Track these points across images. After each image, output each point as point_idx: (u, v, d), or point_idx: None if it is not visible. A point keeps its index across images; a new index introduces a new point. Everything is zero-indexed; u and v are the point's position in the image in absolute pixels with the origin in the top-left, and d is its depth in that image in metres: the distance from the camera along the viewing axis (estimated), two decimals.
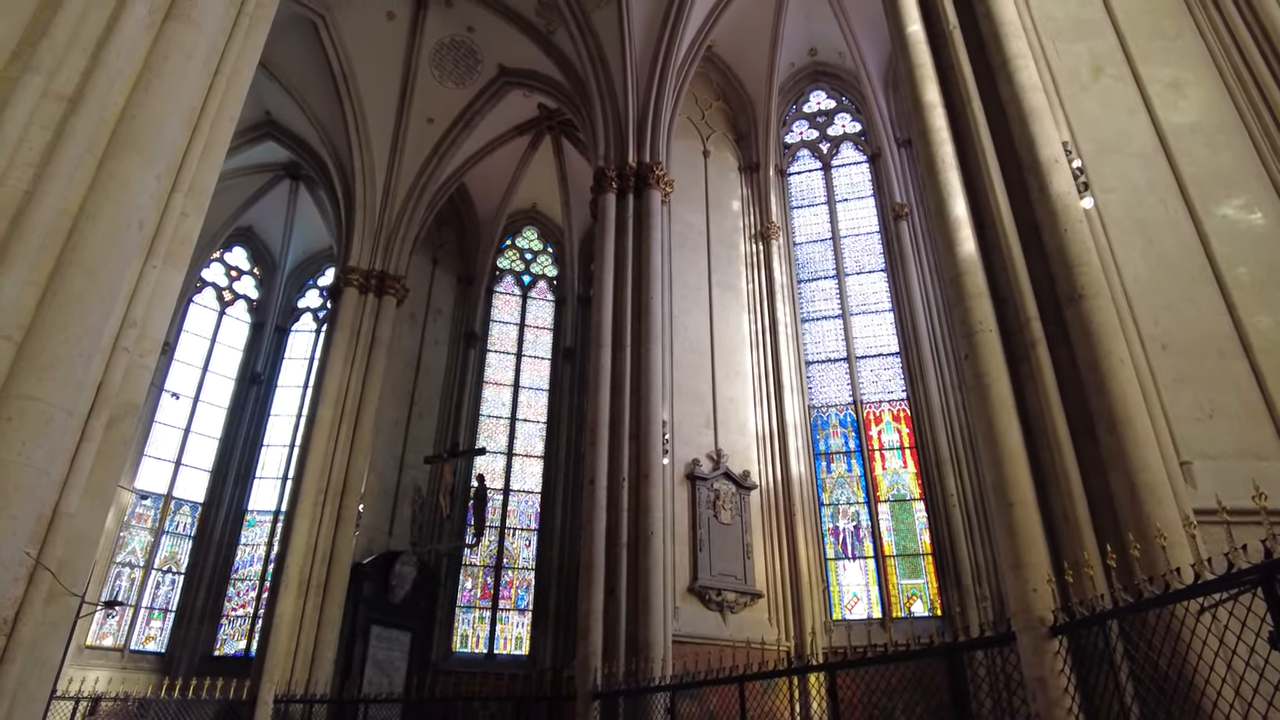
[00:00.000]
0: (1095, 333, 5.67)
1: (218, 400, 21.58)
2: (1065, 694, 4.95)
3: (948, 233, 6.57)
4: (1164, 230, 7.20)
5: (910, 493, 13.86)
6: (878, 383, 15.07)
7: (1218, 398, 6.47)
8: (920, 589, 13.11)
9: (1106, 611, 4.57)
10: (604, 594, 10.85)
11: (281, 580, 14.39)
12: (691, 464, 13.07)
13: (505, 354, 21.22)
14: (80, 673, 15.50)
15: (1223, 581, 3.59)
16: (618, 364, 12.42)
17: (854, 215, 16.99)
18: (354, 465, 15.82)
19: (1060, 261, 6.01)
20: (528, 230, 22.99)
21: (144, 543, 19.35)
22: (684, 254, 14.97)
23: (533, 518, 19.32)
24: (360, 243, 18.01)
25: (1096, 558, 5.05)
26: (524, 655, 17.65)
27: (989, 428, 5.82)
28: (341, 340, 16.77)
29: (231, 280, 23.19)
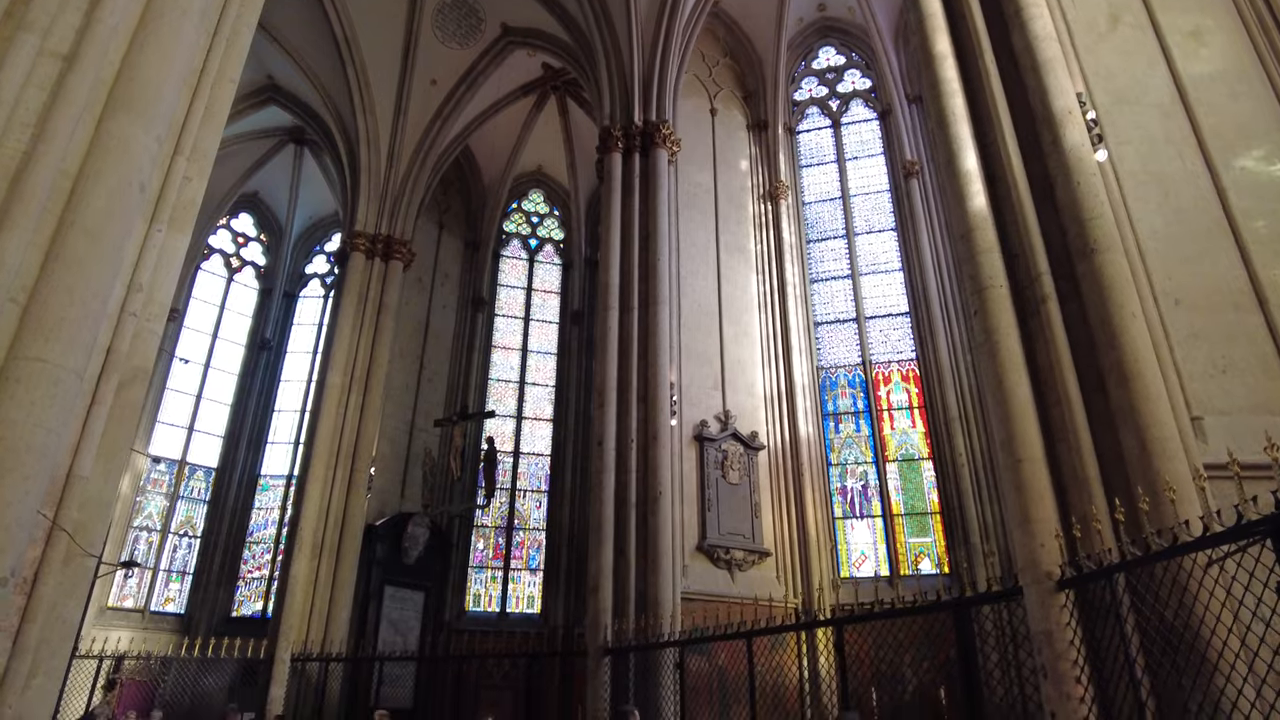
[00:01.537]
0: (1107, 287, 5.59)
1: (228, 366, 21.70)
2: (1071, 646, 4.99)
3: (958, 187, 6.46)
4: (1180, 183, 7.07)
5: (919, 452, 13.87)
6: (887, 343, 14.99)
7: (1231, 352, 6.40)
8: (928, 547, 13.19)
9: (1114, 565, 4.58)
10: (613, 553, 10.95)
11: (295, 543, 14.60)
12: (699, 425, 13.10)
13: (513, 318, 21.21)
14: (103, 633, 15.85)
15: (1232, 533, 3.58)
16: (625, 326, 12.37)
17: (864, 173, 16.75)
18: (364, 429, 15.92)
19: (1072, 215, 5.91)
20: (534, 193, 22.80)
21: (160, 507, 19.63)
22: (691, 214, 14.83)
23: (543, 479, 19.48)
24: (366, 207, 17.92)
25: (1105, 512, 5.04)
26: (536, 614, 17.92)
27: (998, 384, 5.78)
28: (349, 305, 16.77)
29: (239, 246, 23.15)
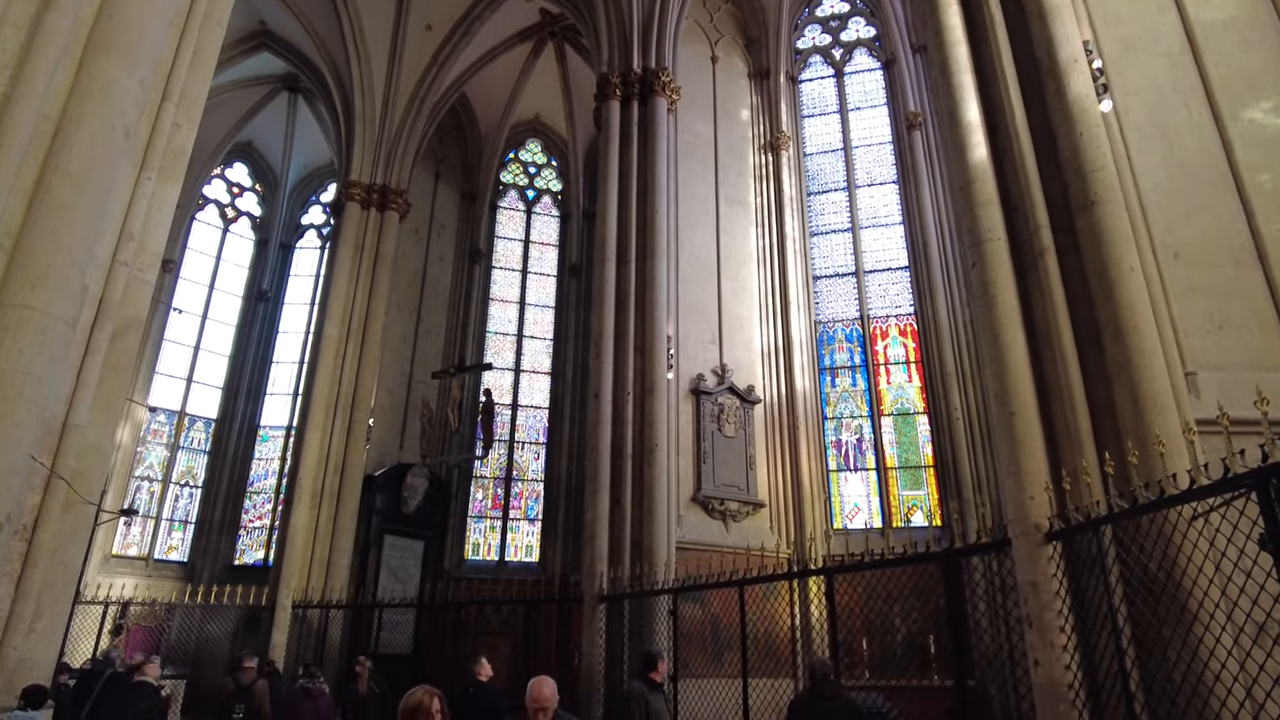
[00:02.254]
0: (1106, 240, 5.54)
1: (226, 318, 21.66)
2: (1056, 597, 5.07)
3: (959, 138, 6.35)
4: (1186, 135, 6.95)
5: (914, 406, 13.92)
6: (885, 297, 14.93)
7: (1229, 308, 6.37)
8: (921, 500, 13.32)
9: (1101, 517, 4.62)
10: (609, 503, 11.06)
11: (295, 492, 14.74)
12: (696, 379, 13.11)
13: (510, 270, 21.08)
14: (108, 580, 16.12)
15: (1218, 486, 3.60)
16: (622, 279, 12.30)
17: (866, 125, 16.47)
18: (362, 380, 15.96)
19: (1073, 167, 5.82)
20: (531, 143, 22.46)
21: (161, 458, 19.78)
22: (691, 165, 14.61)
23: (541, 432, 19.60)
24: (361, 156, 17.67)
25: (1095, 466, 5.07)
26: (534, 562, 18.20)
27: (994, 337, 5.77)
28: (345, 256, 16.66)
29: (234, 197, 22.91)
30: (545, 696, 3.57)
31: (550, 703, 3.57)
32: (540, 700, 3.55)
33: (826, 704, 5.28)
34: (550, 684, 3.65)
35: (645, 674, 5.78)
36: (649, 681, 5.75)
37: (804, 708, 5.31)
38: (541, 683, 3.61)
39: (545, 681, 3.62)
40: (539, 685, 3.60)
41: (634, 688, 5.68)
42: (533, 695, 3.56)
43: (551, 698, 3.59)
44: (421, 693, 3.20)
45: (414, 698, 3.16)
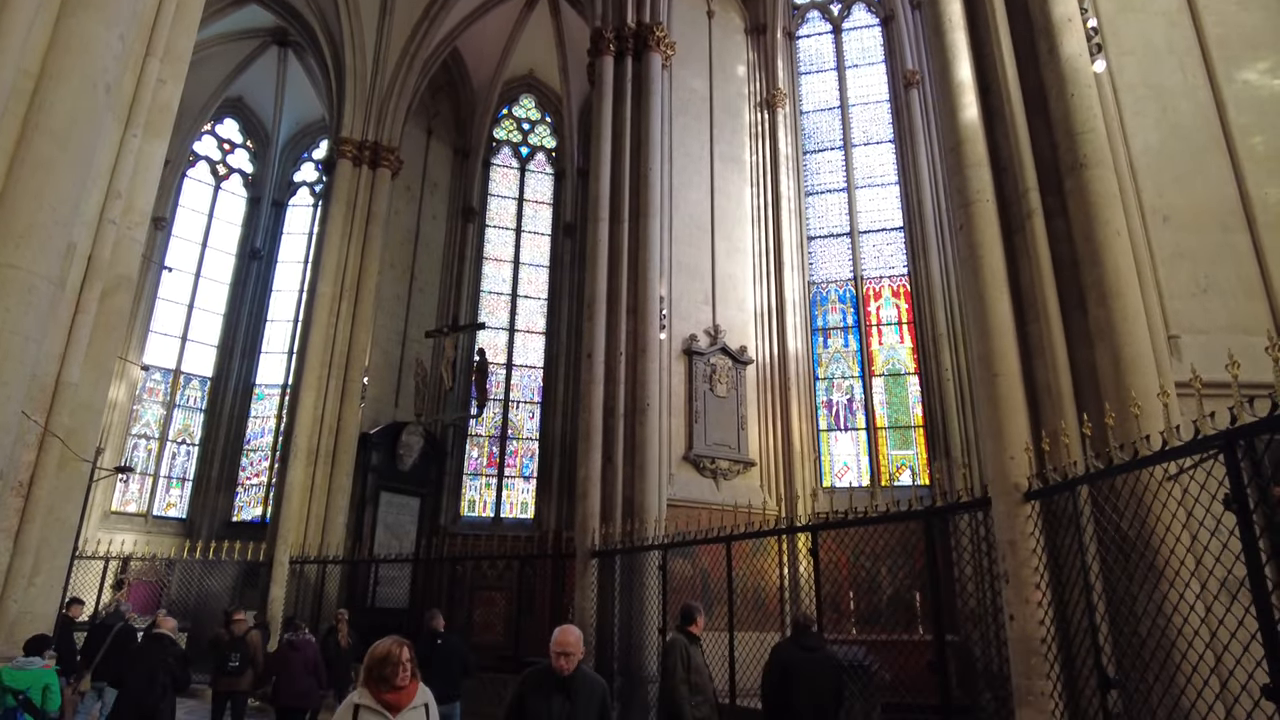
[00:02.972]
0: (1093, 203, 5.54)
1: (219, 276, 21.59)
2: (1033, 554, 5.18)
3: (950, 97, 6.30)
4: (1180, 97, 6.91)
5: (905, 367, 13.99)
6: (879, 258, 14.90)
7: (1214, 272, 6.40)
8: (910, 459, 13.48)
9: (1077, 477, 4.71)
10: (601, 461, 11.19)
11: (291, 450, 14.87)
12: (689, 339, 13.15)
13: (504, 229, 20.95)
14: (108, 535, 16.33)
15: (1188, 447, 3.67)
16: (615, 238, 12.26)
17: (863, 83, 16.25)
18: (356, 339, 15.98)
19: (1064, 129, 5.79)
20: (525, 99, 22.14)
21: (157, 416, 19.88)
22: (685, 121, 14.45)
23: (535, 391, 19.69)
24: (352, 113, 17.45)
25: (1075, 427, 5.15)
26: (529, 519, 18.45)
27: (979, 299, 5.80)
28: (338, 214, 16.55)
29: (225, 154, 22.65)
30: (568, 642, 3.62)
31: (573, 648, 3.62)
32: (563, 645, 3.60)
33: (808, 654, 5.47)
34: (575, 631, 3.71)
35: (685, 627, 5.88)
36: (689, 635, 5.86)
37: (785, 656, 5.48)
38: (567, 630, 3.68)
39: (570, 629, 3.69)
40: (564, 631, 3.67)
41: (676, 639, 5.79)
42: (557, 640, 3.62)
43: (575, 644, 3.64)
44: (390, 643, 3.28)
45: (382, 648, 3.25)
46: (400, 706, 3.22)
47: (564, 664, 3.58)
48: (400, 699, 3.25)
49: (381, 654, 3.25)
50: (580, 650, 3.67)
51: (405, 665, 3.24)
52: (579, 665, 3.66)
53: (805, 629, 5.62)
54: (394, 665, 3.21)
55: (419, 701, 3.33)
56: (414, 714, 3.30)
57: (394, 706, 3.21)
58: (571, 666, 3.60)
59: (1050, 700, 4.78)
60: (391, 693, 3.22)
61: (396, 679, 3.21)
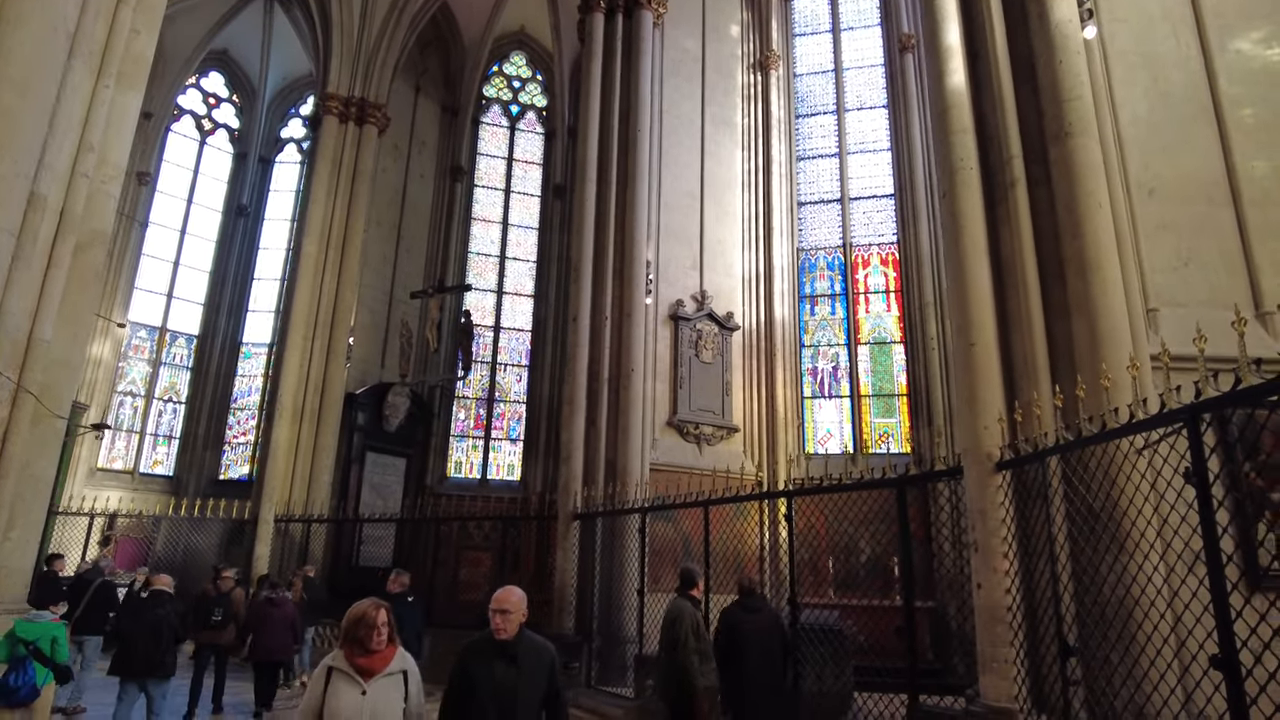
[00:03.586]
0: (1077, 173, 5.48)
1: (205, 233, 21.33)
2: (1002, 524, 5.23)
3: (938, 63, 6.20)
4: (1171, 66, 6.82)
5: (891, 335, 13.99)
6: (869, 225, 14.79)
7: (1196, 245, 6.38)
8: (893, 428, 13.54)
9: (1047, 449, 4.73)
10: (585, 425, 11.21)
11: (276, 409, 14.84)
12: (676, 304, 13.10)
13: (493, 189, 20.69)
14: (94, 492, 16.35)
15: (1152, 420, 3.68)
16: (602, 200, 12.13)
17: (858, 45, 15.98)
18: (342, 298, 15.86)
19: (1051, 96, 5.71)
20: (516, 56, 21.72)
21: (143, 373, 19.78)
22: (677, 83, 14.21)
23: (523, 354, 19.65)
24: (339, 68, 17.10)
25: (1048, 399, 5.15)
26: (516, 480, 18.54)
27: (959, 269, 5.77)
28: (323, 171, 16.31)
29: (210, 108, 22.23)
30: (506, 600, 3.39)
31: (512, 606, 3.38)
32: (500, 602, 3.37)
33: (753, 614, 5.77)
34: (517, 591, 3.48)
35: (687, 591, 5.87)
36: (691, 599, 5.89)
37: (733, 618, 5.72)
38: (509, 589, 3.47)
39: (512, 589, 3.47)
40: (505, 590, 3.46)
41: (683, 605, 5.72)
42: (496, 597, 3.40)
43: (515, 603, 3.40)
44: (367, 604, 3.19)
45: (358, 609, 3.17)
46: (373, 671, 3.11)
47: (500, 623, 3.35)
48: (373, 663, 3.12)
49: (357, 615, 3.15)
50: (521, 611, 3.43)
51: (380, 629, 3.13)
52: (522, 629, 3.43)
53: (750, 592, 5.92)
54: (368, 628, 3.11)
55: (396, 668, 3.19)
56: (389, 681, 3.15)
57: (366, 671, 3.10)
58: (509, 627, 3.37)
59: (1013, 667, 4.86)
60: (364, 656, 3.11)
61: (370, 642, 3.11)
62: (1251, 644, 2.92)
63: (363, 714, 3.03)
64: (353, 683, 3.07)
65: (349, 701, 3.03)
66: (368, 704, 3.05)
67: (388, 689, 3.13)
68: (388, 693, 3.13)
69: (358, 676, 3.08)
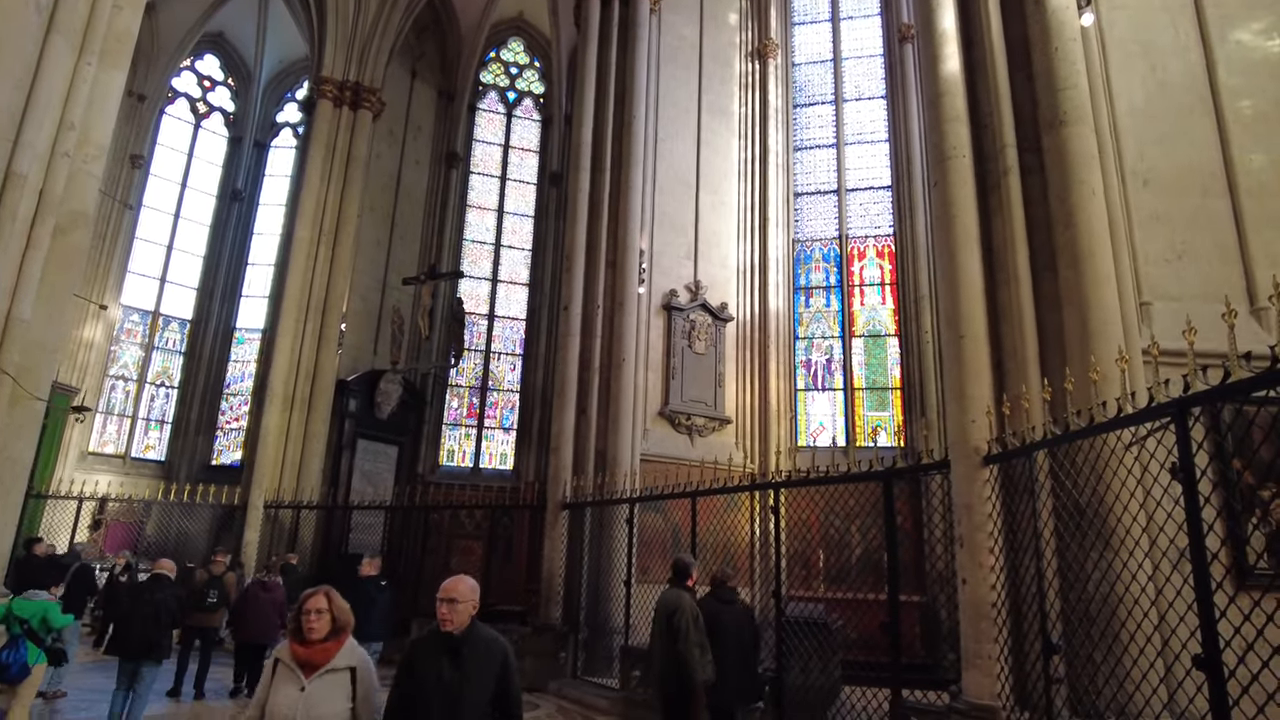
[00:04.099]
0: (1071, 162, 5.38)
1: (199, 217, 21.18)
2: (989, 519, 5.15)
3: (932, 49, 6.08)
4: (1170, 55, 6.71)
5: (886, 328, 13.88)
6: (866, 217, 14.66)
7: (1191, 238, 6.29)
8: (886, 421, 13.46)
9: (1034, 443, 4.65)
10: (575, 414, 11.13)
11: (266, 395, 14.74)
12: (669, 294, 12.99)
13: (489, 176, 20.52)
14: (86, 476, 16.27)
15: (1141, 415, 3.59)
16: (596, 188, 12.02)
17: (858, 35, 15.81)
18: (334, 284, 15.74)
19: (1046, 83, 5.60)
20: (513, 42, 21.51)
21: (135, 357, 19.67)
22: (673, 70, 14.05)
23: (517, 343, 19.53)
24: (333, 52, 16.92)
25: (1037, 392, 5.07)
26: (509, 470, 18.46)
27: (950, 259, 5.67)
28: (317, 156, 16.16)
29: (205, 91, 22.03)
30: (454, 589, 3.11)
31: (460, 595, 3.10)
32: (445, 591, 3.11)
33: (727, 605, 5.85)
34: (467, 581, 3.22)
35: (681, 582, 5.74)
36: (688, 589, 5.76)
37: (707, 608, 5.74)
38: (458, 578, 3.21)
39: (462, 579, 3.21)
40: (454, 579, 3.21)
41: (683, 597, 5.56)
42: (444, 586, 3.14)
43: (464, 592, 3.12)
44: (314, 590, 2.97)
45: (305, 594, 2.95)
46: (314, 663, 2.82)
47: (445, 612, 3.06)
48: (313, 655, 2.82)
49: (300, 601, 2.92)
50: (471, 602, 3.14)
51: (316, 615, 2.85)
52: (474, 623, 3.13)
53: (722, 583, 6.01)
54: (305, 614, 2.85)
55: (342, 663, 2.88)
56: (333, 679, 2.84)
57: (307, 664, 2.82)
58: (456, 619, 3.06)
59: (996, 664, 4.79)
60: (302, 646, 2.85)
61: (305, 630, 2.84)
62: (1236, 644, 2.85)
63: (297, 713, 2.74)
64: (293, 677, 2.81)
65: (285, 698, 2.77)
66: (304, 703, 2.76)
67: (330, 687, 2.83)
68: (329, 692, 2.82)
69: (298, 671, 2.82)
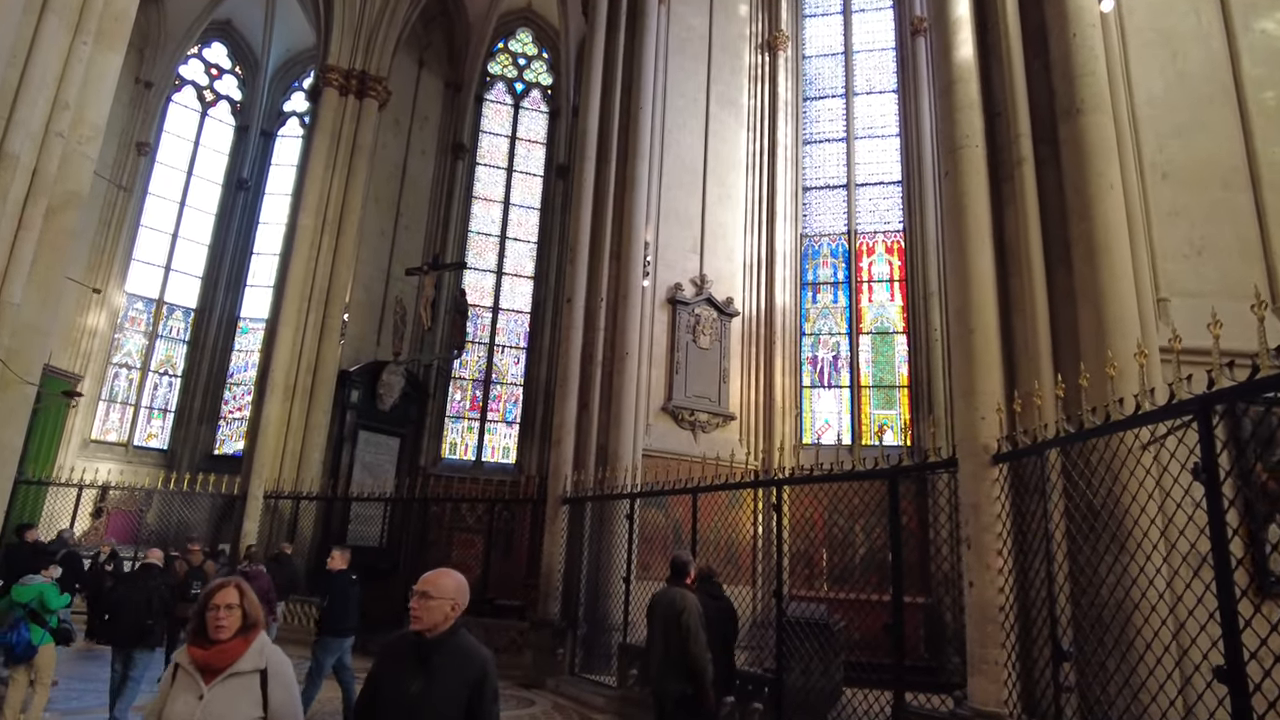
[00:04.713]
0: (1087, 152, 5.19)
1: (205, 206, 21.10)
2: (997, 520, 4.97)
3: (945, 35, 5.89)
4: (1191, 43, 6.49)
5: (894, 325, 13.67)
6: (875, 212, 14.44)
7: (1212, 233, 6.08)
8: (892, 419, 13.26)
9: (1046, 440, 4.47)
10: (577, 408, 10.99)
11: (267, 385, 14.64)
12: (674, 288, 12.81)
13: (495, 168, 20.36)
14: (87, 464, 16.23)
15: (1161, 412, 3.42)
16: (601, 180, 11.85)
17: (870, 28, 15.58)
18: (337, 275, 15.63)
19: (1063, 71, 5.41)
20: (521, 32, 21.34)
21: (139, 345, 19.62)
22: (682, 61, 13.86)
23: (522, 336, 19.41)
24: (340, 40, 16.79)
25: (1050, 389, 4.89)
26: (511, 464, 18.34)
27: (960, 251, 5.49)
28: (321, 145, 16.04)
29: (212, 79, 21.95)
30: (427, 579, 2.67)
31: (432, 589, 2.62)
32: (422, 583, 2.66)
33: (715, 601, 5.86)
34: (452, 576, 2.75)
35: (681, 580, 5.43)
36: (687, 588, 5.43)
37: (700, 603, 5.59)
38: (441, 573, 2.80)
39: (447, 573, 2.80)
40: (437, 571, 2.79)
41: (688, 596, 5.22)
42: (423, 578, 2.71)
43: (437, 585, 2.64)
44: (220, 581, 2.60)
45: (209, 587, 2.59)
46: (215, 667, 2.43)
47: (416, 608, 2.59)
48: (213, 659, 2.42)
49: (205, 595, 2.53)
50: (452, 600, 2.63)
51: (225, 612, 2.46)
52: (454, 628, 2.63)
53: (708, 578, 6.10)
54: (211, 610, 2.47)
55: (249, 665, 2.47)
56: (238, 684, 2.44)
57: (206, 668, 2.43)
58: (428, 618, 2.58)
59: (1004, 670, 4.62)
60: (204, 648, 2.45)
61: (211, 629, 2.45)
62: (1261, 656, 2.67)
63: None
64: (192, 684, 2.42)
65: (183, 707, 2.39)
66: (202, 712, 2.37)
67: (234, 694, 2.42)
68: (233, 699, 2.41)
69: (197, 676, 2.42)
